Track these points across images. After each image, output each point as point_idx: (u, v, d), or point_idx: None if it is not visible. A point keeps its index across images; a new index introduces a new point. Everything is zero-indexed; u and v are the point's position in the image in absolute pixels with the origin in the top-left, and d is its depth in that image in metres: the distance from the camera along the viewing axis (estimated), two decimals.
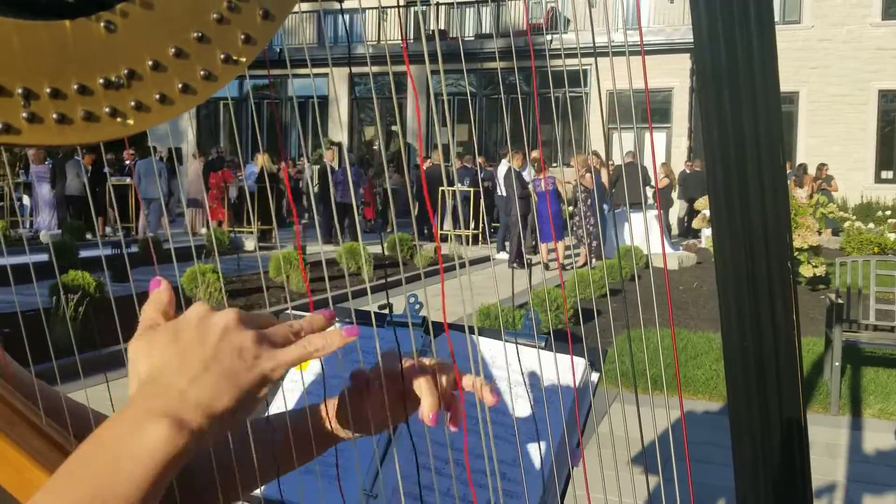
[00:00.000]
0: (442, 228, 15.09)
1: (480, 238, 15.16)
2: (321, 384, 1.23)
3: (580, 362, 1.19)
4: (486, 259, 12.60)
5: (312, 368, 1.34)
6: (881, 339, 4.73)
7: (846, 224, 14.22)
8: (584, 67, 21.95)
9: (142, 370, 0.57)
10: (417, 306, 1.38)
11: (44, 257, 10.72)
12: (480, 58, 22.61)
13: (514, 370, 1.16)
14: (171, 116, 0.56)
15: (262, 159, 15.30)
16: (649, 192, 16.48)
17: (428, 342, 1.29)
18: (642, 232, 12.11)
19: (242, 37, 0.55)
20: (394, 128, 24.24)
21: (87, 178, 14.87)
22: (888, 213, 20.15)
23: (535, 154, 14.78)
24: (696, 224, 9.02)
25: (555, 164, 20.87)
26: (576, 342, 1.17)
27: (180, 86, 0.55)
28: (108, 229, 14.94)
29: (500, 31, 23.07)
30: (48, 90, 0.48)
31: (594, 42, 1.07)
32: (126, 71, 0.51)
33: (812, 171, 17.59)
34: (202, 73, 0.55)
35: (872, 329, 4.97)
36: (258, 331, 0.57)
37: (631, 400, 3.54)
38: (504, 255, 12.26)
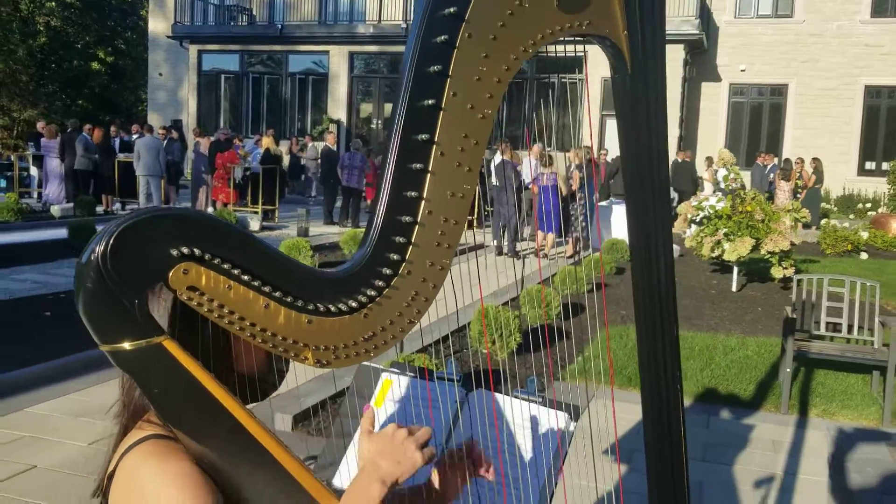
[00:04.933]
0: None
1: (475, 223, 15.74)
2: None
3: (563, 416, 1.83)
4: (481, 247, 13.25)
5: (385, 409, 1.96)
6: (828, 350, 5.42)
7: (822, 221, 14.91)
8: (578, 54, 22.41)
9: (364, 454, 1.18)
10: (458, 376, 2.00)
11: (62, 233, 11.29)
12: None
13: (519, 418, 1.79)
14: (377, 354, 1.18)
15: (267, 141, 15.82)
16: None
17: (464, 395, 1.92)
18: (623, 223, 12.75)
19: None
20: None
21: (97, 153, 15.31)
22: (868, 205, 20.90)
23: (537, 148, 15.42)
24: (676, 227, 9.64)
25: (549, 148, 21.43)
26: (556, 404, 1.81)
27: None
28: (115, 206, 15.44)
29: None
30: (342, 345, 1.11)
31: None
32: (370, 334, 1.14)
33: (803, 165, 18.18)
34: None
35: (829, 340, 5.67)
36: (414, 437, 1.19)
37: (608, 395, 4.30)
38: (496, 243, 12.86)
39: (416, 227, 1.19)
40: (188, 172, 18.04)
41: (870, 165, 22.14)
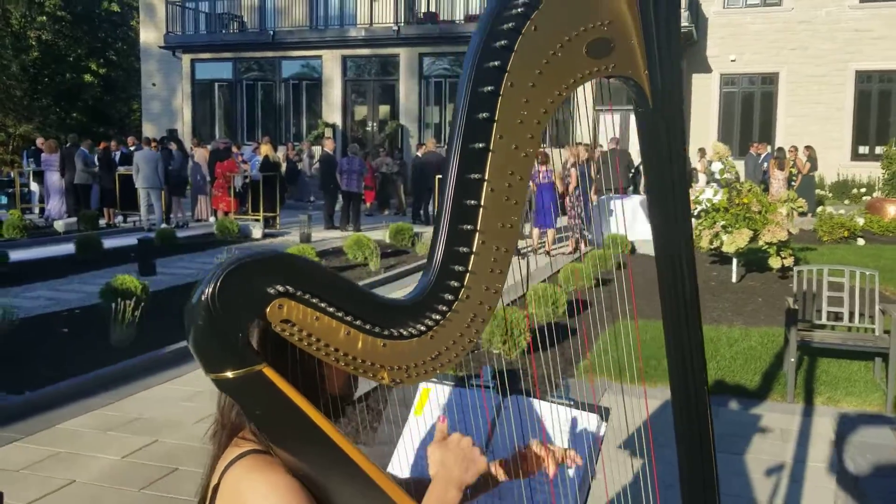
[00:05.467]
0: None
1: None
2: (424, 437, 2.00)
3: (595, 417, 1.97)
4: None
5: (426, 416, 2.10)
6: (830, 339, 5.58)
7: (818, 209, 15.10)
8: None
9: (437, 461, 1.33)
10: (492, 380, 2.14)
11: (68, 248, 11.41)
12: (470, 40, 23.09)
13: (554, 421, 1.94)
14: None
15: (265, 148, 15.95)
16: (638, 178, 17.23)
17: (500, 400, 2.06)
18: (626, 218, 12.90)
19: None
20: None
21: (97, 167, 15.43)
22: (863, 190, 21.09)
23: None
24: None
25: (544, 145, 21.57)
26: (588, 406, 1.95)
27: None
28: (117, 219, 15.56)
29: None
30: (413, 364, 1.26)
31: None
32: (436, 353, 1.28)
33: (797, 153, 18.35)
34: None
35: (830, 329, 5.84)
36: (477, 446, 1.33)
37: (619, 390, 4.45)
38: None
39: (473, 256, 1.34)
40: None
41: (863, 150, 22.33)
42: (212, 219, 15.67)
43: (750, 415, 5.17)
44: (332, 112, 24.82)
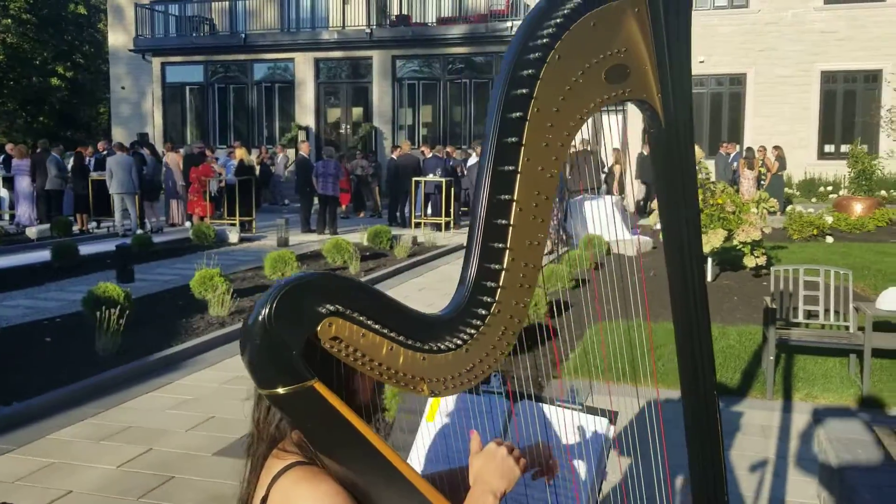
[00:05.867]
0: (416, 216, 15.90)
1: (452, 224, 15.98)
2: (443, 438, 2.07)
3: (603, 421, 2.06)
4: (461, 248, 13.48)
5: (438, 423, 2.17)
6: (807, 337, 5.75)
7: (788, 208, 15.41)
8: None
9: (476, 471, 1.40)
10: (501, 386, 2.21)
11: (44, 255, 11.30)
12: (443, 42, 23.24)
13: (563, 425, 2.02)
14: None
15: (240, 152, 15.90)
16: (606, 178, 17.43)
17: (510, 406, 2.13)
18: (601, 219, 13.05)
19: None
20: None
21: (69, 173, 15.28)
22: (829, 188, 21.52)
23: None
24: (650, 221, 9.97)
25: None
26: (597, 411, 2.03)
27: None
28: (91, 224, 15.41)
29: (461, 17, 23.67)
30: (450, 377, 1.33)
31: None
32: (471, 366, 1.36)
33: (765, 152, 18.69)
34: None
35: (805, 326, 6.02)
36: (513, 454, 1.41)
37: (603, 390, 4.50)
38: None
39: (504, 272, 1.42)
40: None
41: (829, 149, 22.77)
42: (187, 223, 15.57)
43: (731, 412, 5.30)
44: (305, 114, 24.76)
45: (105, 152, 18.12)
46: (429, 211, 16.37)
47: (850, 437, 4.47)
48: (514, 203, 1.43)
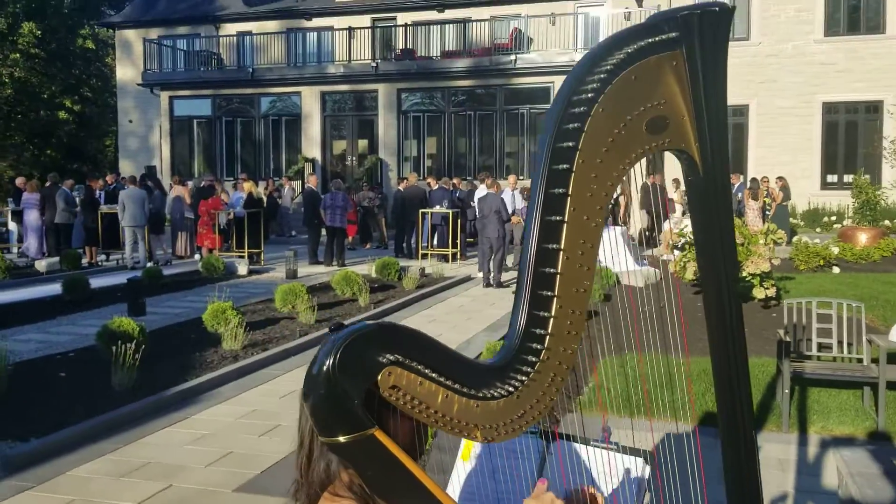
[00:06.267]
0: (422, 247, 15.96)
1: (459, 255, 16.04)
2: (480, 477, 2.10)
3: (639, 461, 2.08)
4: (468, 279, 13.52)
5: (472, 462, 2.19)
6: (821, 370, 5.76)
7: (794, 238, 15.46)
8: (546, 85, 23.02)
9: None
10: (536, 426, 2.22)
11: (54, 289, 11.35)
12: (447, 75, 23.49)
13: (599, 465, 2.05)
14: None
15: (248, 185, 16.02)
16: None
17: (545, 446, 2.15)
18: (607, 250, 13.09)
19: None
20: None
21: (77, 207, 15.39)
22: (833, 218, 21.59)
23: (513, 178, 15.76)
24: (659, 252, 10.02)
25: (521, 177, 21.90)
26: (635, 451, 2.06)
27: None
28: (100, 257, 15.48)
29: (465, 50, 23.94)
30: (502, 423, 1.36)
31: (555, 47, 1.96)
32: (522, 412, 1.39)
33: (769, 183, 18.79)
34: None
35: (817, 359, 6.03)
36: (557, 501, 1.44)
37: (619, 424, 4.58)
38: (482, 274, 13.13)
39: (552, 320, 1.46)
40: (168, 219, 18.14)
41: (832, 179, 22.88)
42: (196, 256, 15.64)
43: None
44: (311, 147, 24.96)
45: (113, 185, 18.27)
46: (435, 242, 16.44)
47: (871, 472, 4.46)
48: (562, 252, 1.47)
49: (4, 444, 5.02)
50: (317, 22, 26.93)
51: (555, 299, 1.46)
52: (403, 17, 26.02)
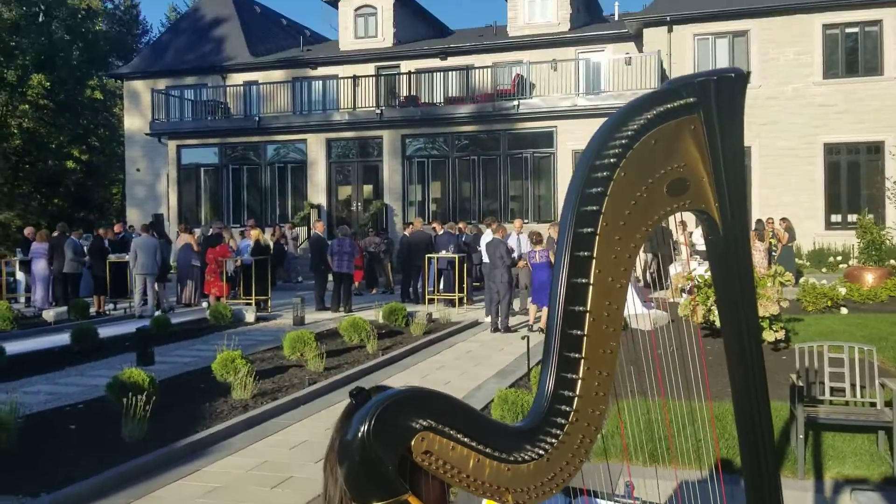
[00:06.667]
0: (428, 292, 15.97)
1: (465, 300, 16.04)
2: None
3: None
4: (476, 324, 13.51)
5: None
6: (835, 414, 5.73)
7: (801, 279, 15.45)
8: (549, 129, 23.26)
9: None
10: None
11: (62, 339, 11.36)
12: (451, 121, 23.76)
13: None
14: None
15: (255, 233, 16.12)
16: None
17: (568, 501, 2.15)
18: None
19: None
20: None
21: (86, 256, 15.48)
22: (839, 258, 21.59)
23: (519, 222, 15.84)
24: (668, 295, 10.02)
25: (527, 221, 21.99)
26: None
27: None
28: (108, 306, 15.51)
29: (468, 96, 24.25)
30: (533, 486, 1.37)
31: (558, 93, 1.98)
32: (552, 474, 1.40)
33: (774, 224, 18.86)
34: None
35: (829, 403, 6.00)
36: None
37: (638, 472, 4.53)
38: (490, 319, 13.12)
39: (580, 381, 1.48)
40: (174, 267, 18.23)
41: (836, 219, 22.94)
42: (204, 303, 15.67)
43: None
44: (317, 193, 25.15)
45: (121, 234, 18.39)
46: (441, 286, 16.45)
47: None
48: (588, 314, 1.50)
49: (16, 500, 4.99)
50: (322, 70, 27.37)
51: (582, 361, 1.48)
52: (407, 65, 26.45)
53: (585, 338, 1.49)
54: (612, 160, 1.54)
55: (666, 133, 1.58)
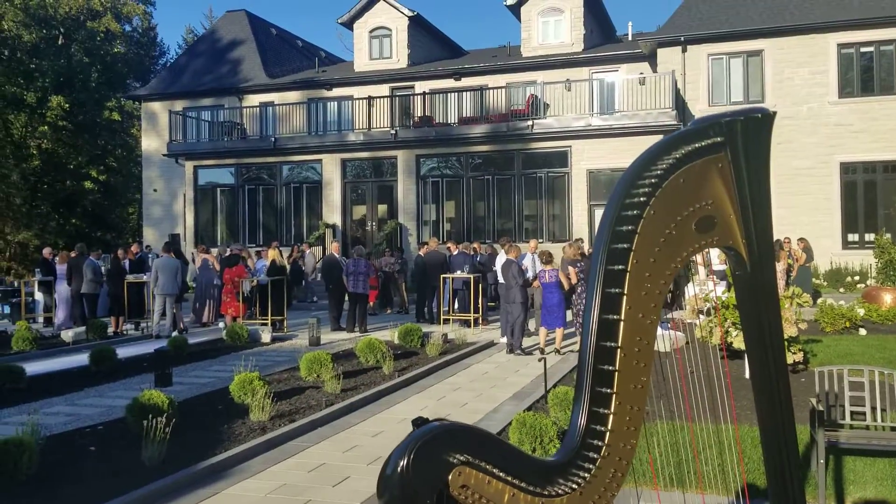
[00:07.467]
0: (443, 312, 15.98)
1: (481, 320, 16.04)
2: None
3: None
4: (491, 345, 13.50)
5: None
6: (856, 438, 5.69)
7: (819, 300, 15.36)
8: (563, 149, 23.32)
9: None
10: None
11: (80, 359, 11.45)
12: (465, 141, 23.88)
13: None
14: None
15: (272, 253, 16.22)
16: None
17: None
18: None
19: None
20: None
21: (105, 277, 15.61)
22: (856, 277, 21.43)
23: (534, 243, 15.84)
24: (685, 317, 9.99)
25: (541, 240, 22.00)
26: None
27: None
28: (126, 326, 15.62)
29: (483, 116, 24.38)
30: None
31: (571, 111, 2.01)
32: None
33: (790, 243, 18.78)
34: None
35: (849, 427, 5.96)
36: None
37: (649, 497, 4.54)
38: (505, 340, 13.10)
39: (611, 416, 1.51)
40: (191, 287, 18.37)
41: (853, 238, 22.81)
42: (220, 324, 15.75)
43: None
44: (332, 213, 25.29)
45: (139, 254, 18.55)
46: (456, 306, 16.47)
47: None
48: (619, 349, 1.53)
49: None
50: (337, 91, 27.63)
51: (614, 396, 1.52)
52: (421, 86, 26.64)
53: (617, 373, 1.52)
54: (642, 199, 1.57)
55: (694, 171, 1.62)
